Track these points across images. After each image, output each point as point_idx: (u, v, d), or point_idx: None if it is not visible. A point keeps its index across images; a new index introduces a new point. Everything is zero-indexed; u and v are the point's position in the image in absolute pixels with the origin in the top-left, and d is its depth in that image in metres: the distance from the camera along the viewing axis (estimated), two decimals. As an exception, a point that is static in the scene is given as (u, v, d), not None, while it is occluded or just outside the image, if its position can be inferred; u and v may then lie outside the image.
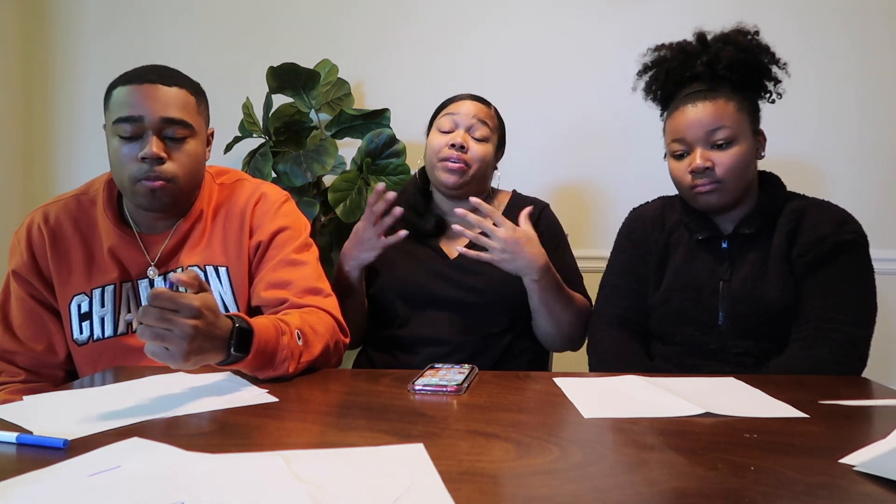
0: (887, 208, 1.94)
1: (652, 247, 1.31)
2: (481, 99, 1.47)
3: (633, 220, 1.38)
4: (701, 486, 0.60)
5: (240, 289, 1.18)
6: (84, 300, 1.13)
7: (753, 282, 1.19)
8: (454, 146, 1.39)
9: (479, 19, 2.10)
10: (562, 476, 0.62)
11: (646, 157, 2.00)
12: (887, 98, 1.94)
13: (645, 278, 1.31)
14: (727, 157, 1.18)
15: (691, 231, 1.28)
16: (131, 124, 1.06)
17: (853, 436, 0.78)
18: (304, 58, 1.94)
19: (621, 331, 1.29)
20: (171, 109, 1.07)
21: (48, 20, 2.28)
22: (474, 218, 1.24)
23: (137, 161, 1.07)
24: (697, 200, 1.23)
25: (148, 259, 1.15)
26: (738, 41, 1.22)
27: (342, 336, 1.16)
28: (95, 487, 0.59)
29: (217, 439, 0.73)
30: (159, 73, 1.10)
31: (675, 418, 0.80)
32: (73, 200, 1.18)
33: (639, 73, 1.33)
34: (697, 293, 1.23)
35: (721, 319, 1.21)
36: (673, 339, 1.26)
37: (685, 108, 1.21)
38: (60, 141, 2.30)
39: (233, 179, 1.25)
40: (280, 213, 1.21)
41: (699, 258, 1.26)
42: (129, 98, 1.06)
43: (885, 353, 1.95)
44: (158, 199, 1.09)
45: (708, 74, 1.22)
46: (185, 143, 1.10)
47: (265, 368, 0.96)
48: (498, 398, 0.91)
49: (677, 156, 1.23)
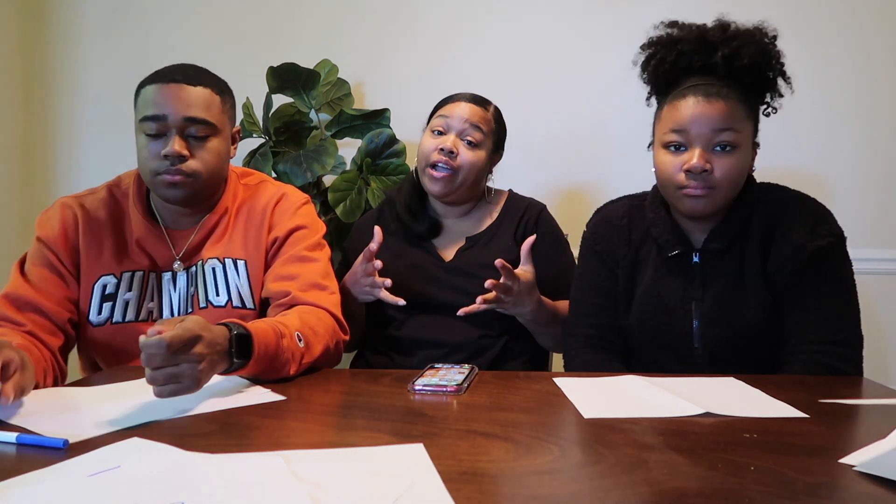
0: (887, 207, 1.94)
1: (620, 261, 1.24)
2: (480, 100, 1.43)
3: (597, 226, 1.29)
4: (701, 486, 0.60)
5: (256, 281, 1.20)
6: (111, 281, 1.16)
7: (728, 301, 1.12)
8: (443, 150, 1.37)
9: (478, 20, 2.10)
10: (562, 476, 0.62)
11: (644, 158, 2.00)
12: (886, 102, 1.94)
13: (613, 293, 1.23)
14: (727, 162, 1.08)
15: (660, 246, 1.19)
16: (156, 123, 1.09)
17: (853, 436, 0.79)
18: (304, 58, 1.94)
19: (592, 351, 1.24)
20: (194, 109, 1.10)
21: (48, 20, 2.28)
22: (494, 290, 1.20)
23: (160, 158, 1.10)
24: (682, 203, 1.12)
25: (174, 253, 1.18)
26: (761, 42, 1.11)
27: (342, 335, 1.17)
28: (95, 487, 0.59)
29: (217, 439, 0.73)
30: (185, 72, 1.13)
31: (675, 418, 0.80)
32: (106, 191, 1.21)
33: (643, 47, 1.20)
34: (669, 316, 1.16)
35: (696, 343, 1.14)
36: (652, 365, 1.19)
37: (694, 100, 1.09)
38: (60, 141, 2.30)
39: (257, 181, 1.29)
40: (298, 213, 1.25)
41: (669, 276, 1.18)
42: (155, 97, 1.09)
43: (885, 353, 1.95)
44: (178, 192, 1.12)
45: (723, 69, 1.10)
46: (207, 142, 1.13)
47: (267, 372, 0.96)
48: (498, 398, 0.91)
49: (671, 147, 1.11)
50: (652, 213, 1.22)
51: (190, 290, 1.18)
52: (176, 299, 1.18)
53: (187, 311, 1.17)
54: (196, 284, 1.18)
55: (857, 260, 1.19)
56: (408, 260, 1.42)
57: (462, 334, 1.35)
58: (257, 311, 1.20)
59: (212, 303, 1.18)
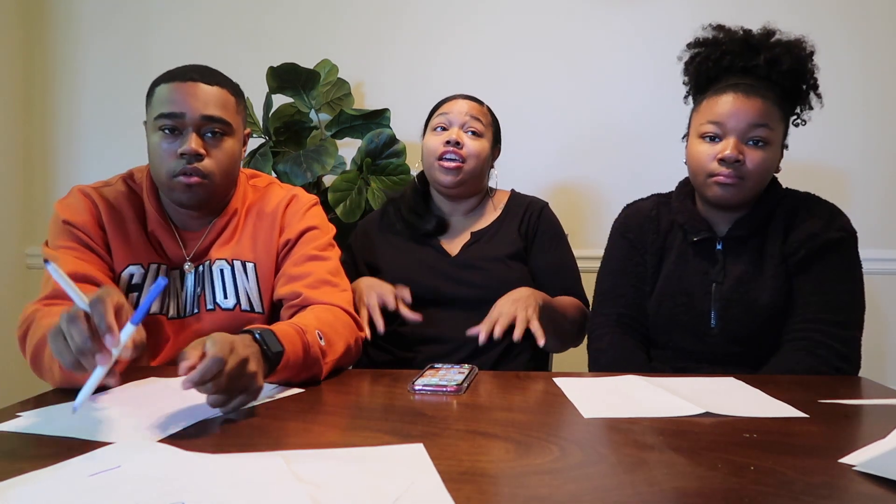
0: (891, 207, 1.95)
1: (648, 247, 1.30)
2: (473, 98, 1.48)
3: (628, 217, 1.37)
4: (701, 486, 0.60)
5: (265, 284, 1.20)
6: (138, 271, 1.14)
7: (746, 284, 1.19)
8: (449, 143, 1.40)
9: (479, 20, 2.10)
10: (562, 476, 0.62)
11: (645, 158, 2.01)
12: (892, 98, 1.94)
13: (643, 277, 1.30)
14: (758, 156, 1.15)
15: (686, 232, 1.26)
16: (172, 120, 1.08)
17: (853, 436, 0.79)
18: (304, 58, 1.94)
19: (622, 331, 1.28)
20: (211, 107, 1.10)
21: (48, 20, 2.28)
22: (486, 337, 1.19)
23: (176, 156, 1.09)
24: (712, 189, 1.19)
25: (184, 253, 1.17)
26: (800, 53, 1.20)
27: (360, 332, 1.17)
28: (96, 487, 0.59)
29: (217, 439, 0.73)
30: (201, 72, 1.12)
31: (675, 418, 0.80)
32: (123, 183, 1.19)
33: (689, 46, 1.29)
34: (689, 297, 1.22)
35: (713, 323, 1.20)
36: (666, 344, 1.25)
37: (734, 95, 1.16)
38: (60, 141, 2.30)
39: (265, 183, 1.29)
40: (309, 215, 1.25)
41: (692, 261, 1.25)
42: (171, 95, 1.08)
43: (883, 352, 1.95)
44: (194, 195, 1.11)
45: (763, 72, 1.19)
46: (223, 141, 1.12)
47: (301, 371, 0.95)
48: (498, 398, 0.91)
49: (707, 138, 1.19)
50: (678, 204, 1.30)
51: (197, 290, 1.17)
52: (185, 299, 1.17)
53: (194, 312, 1.16)
54: (203, 285, 1.17)
55: (865, 260, 1.21)
56: (413, 256, 1.44)
57: (465, 332, 1.35)
58: (266, 314, 1.19)
59: (220, 305, 1.17)
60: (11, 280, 2.27)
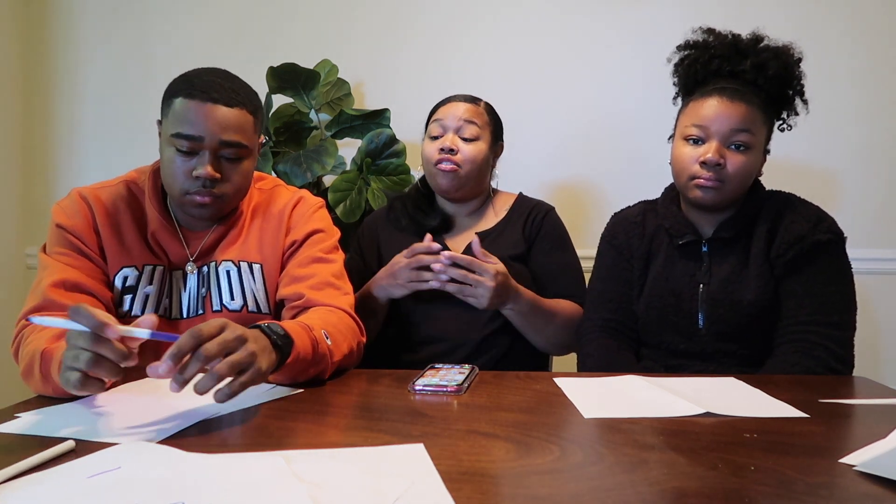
0: (891, 208, 1.94)
1: (634, 252, 1.32)
2: (470, 98, 1.48)
3: (614, 225, 1.39)
4: (701, 485, 0.60)
5: (272, 286, 1.20)
6: (132, 273, 1.13)
7: (732, 284, 1.20)
8: (444, 150, 1.41)
9: (479, 20, 2.10)
10: (562, 476, 0.62)
11: (645, 158, 2.01)
12: (889, 98, 1.94)
13: (630, 282, 1.31)
14: (739, 160, 1.17)
15: (671, 236, 1.28)
16: (190, 142, 1.06)
17: (853, 436, 0.79)
18: (304, 58, 1.94)
19: (607, 335, 1.29)
20: (230, 132, 1.08)
21: (48, 20, 2.28)
22: (458, 273, 1.24)
23: (191, 178, 1.08)
24: (693, 192, 1.20)
25: (188, 253, 1.17)
26: (787, 59, 1.21)
27: (361, 336, 1.17)
28: (96, 488, 0.59)
29: (217, 439, 0.73)
30: (222, 89, 1.08)
31: (675, 418, 0.80)
32: (122, 186, 1.18)
33: (679, 48, 1.31)
34: (677, 298, 1.23)
35: (701, 323, 1.21)
36: (657, 343, 1.26)
37: (718, 99, 1.18)
38: (60, 141, 2.30)
39: (271, 185, 1.29)
40: (315, 217, 1.25)
41: (679, 263, 1.26)
42: (190, 115, 1.06)
43: (877, 351, 1.95)
44: (206, 211, 1.11)
45: (750, 77, 1.21)
46: (239, 164, 1.12)
47: (308, 367, 0.95)
48: (498, 398, 0.91)
49: (690, 140, 1.21)
50: (664, 209, 1.32)
51: (202, 291, 1.17)
52: (187, 299, 1.17)
53: (199, 314, 1.16)
54: (209, 286, 1.17)
55: (858, 260, 1.21)
56: None
57: (467, 330, 1.35)
58: (273, 315, 1.20)
59: (226, 306, 1.16)
60: (11, 280, 2.27)
